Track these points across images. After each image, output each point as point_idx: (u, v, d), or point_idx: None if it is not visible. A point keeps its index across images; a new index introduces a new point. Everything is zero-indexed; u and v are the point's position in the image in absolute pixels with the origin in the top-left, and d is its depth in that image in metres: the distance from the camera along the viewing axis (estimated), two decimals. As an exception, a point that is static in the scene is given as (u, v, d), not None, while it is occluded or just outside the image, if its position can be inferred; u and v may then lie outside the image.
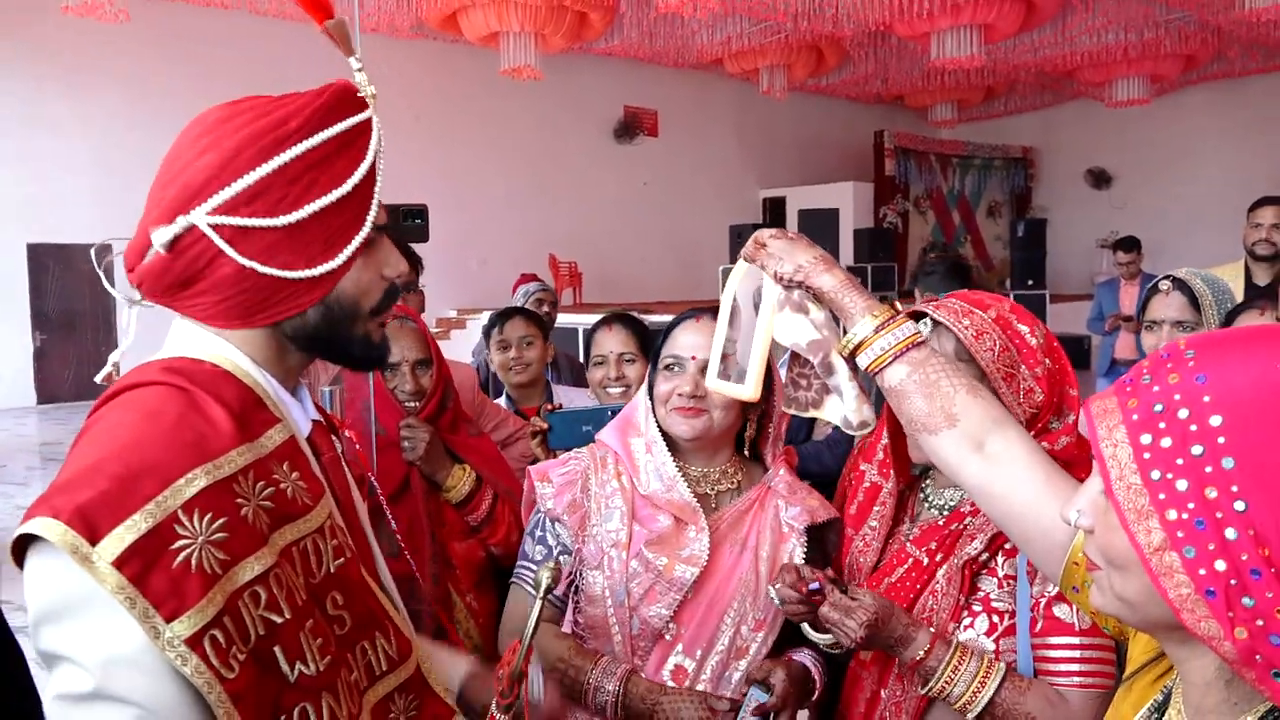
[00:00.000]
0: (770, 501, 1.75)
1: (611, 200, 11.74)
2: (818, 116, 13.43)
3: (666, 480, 1.71)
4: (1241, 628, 0.65)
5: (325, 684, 0.90)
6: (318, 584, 0.93)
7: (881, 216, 12.27)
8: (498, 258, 9.83)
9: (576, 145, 11.59)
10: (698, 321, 1.70)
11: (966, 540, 1.48)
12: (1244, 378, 0.69)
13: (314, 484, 0.96)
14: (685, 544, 1.68)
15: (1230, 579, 0.66)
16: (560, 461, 1.77)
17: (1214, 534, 0.66)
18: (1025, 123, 14.13)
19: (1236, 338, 0.73)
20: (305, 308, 0.94)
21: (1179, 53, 10.56)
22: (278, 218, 0.89)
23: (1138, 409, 0.72)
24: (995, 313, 1.48)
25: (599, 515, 1.72)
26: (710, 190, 12.52)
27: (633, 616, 1.67)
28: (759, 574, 1.69)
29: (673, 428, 1.71)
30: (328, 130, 0.92)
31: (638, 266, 11.44)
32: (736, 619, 1.67)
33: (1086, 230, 13.26)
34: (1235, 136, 12.08)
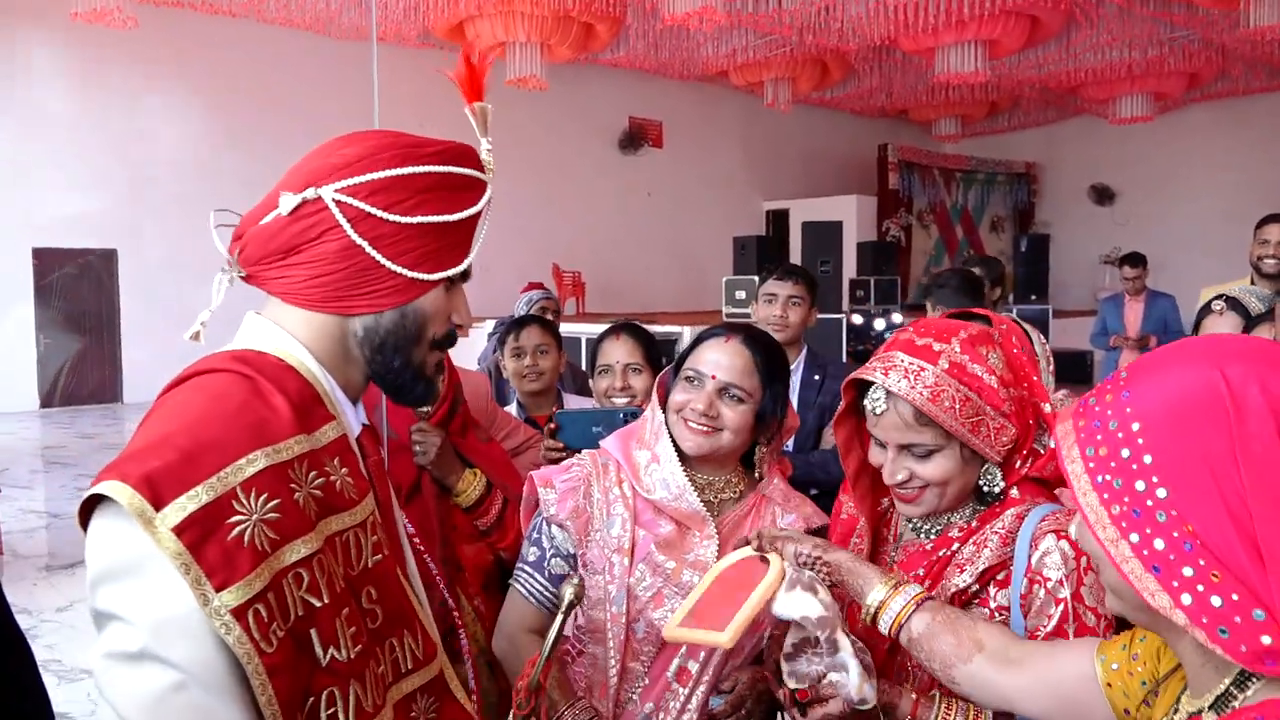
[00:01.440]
0: (767, 509, 1.79)
1: (615, 210, 11.77)
2: (822, 129, 13.48)
3: (675, 489, 1.73)
4: (1186, 594, 0.76)
5: (354, 672, 0.93)
6: (355, 576, 0.97)
7: (885, 230, 12.30)
8: (502, 266, 9.83)
9: (581, 155, 11.63)
10: (727, 342, 1.72)
11: (955, 570, 1.45)
12: (1156, 387, 0.82)
13: (361, 482, 1.01)
14: (692, 548, 1.71)
15: (1169, 555, 0.77)
16: (563, 468, 1.79)
17: (1148, 519, 0.78)
18: (1029, 138, 14.17)
19: (1159, 355, 0.87)
20: (386, 307, 1.02)
21: (1182, 70, 10.60)
22: (396, 215, 0.99)
23: (1085, 428, 0.85)
24: (947, 360, 1.44)
25: (602, 521, 1.74)
26: (714, 201, 12.55)
27: (639, 619, 1.68)
28: None
29: (681, 440, 1.74)
30: (454, 167, 1.05)
31: (641, 276, 11.47)
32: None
33: (1089, 246, 13.29)
34: (1238, 154, 12.12)
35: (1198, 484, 0.77)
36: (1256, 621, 0.74)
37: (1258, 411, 0.77)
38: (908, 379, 1.42)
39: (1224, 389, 0.78)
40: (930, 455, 1.43)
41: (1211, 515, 0.76)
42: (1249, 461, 0.76)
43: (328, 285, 1.00)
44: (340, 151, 1.01)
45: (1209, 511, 0.77)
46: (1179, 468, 0.78)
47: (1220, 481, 0.76)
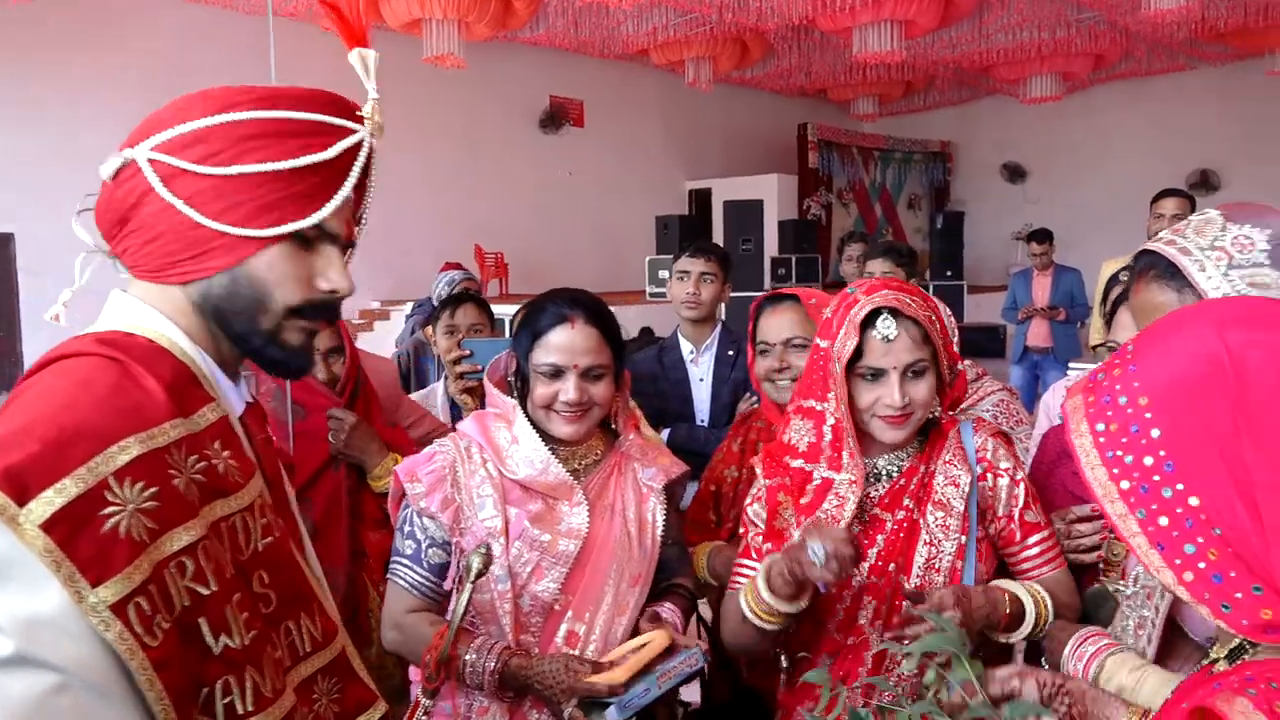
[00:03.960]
0: (627, 465, 1.86)
1: (537, 190, 11.67)
2: (743, 109, 13.54)
3: (539, 463, 1.76)
4: (1189, 571, 0.77)
5: (250, 658, 0.90)
6: (245, 560, 0.94)
7: (805, 208, 12.43)
8: (421, 248, 9.71)
9: (502, 135, 11.49)
10: (573, 326, 1.74)
11: (950, 484, 1.65)
12: (1161, 361, 0.82)
13: (245, 463, 0.97)
14: (562, 518, 1.76)
15: (1173, 531, 0.78)
16: (426, 457, 1.80)
17: (1155, 495, 0.79)
18: (944, 117, 14.45)
19: (1160, 328, 0.86)
20: (213, 271, 0.94)
21: (1089, 51, 10.90)
22: (211, 167, 0.92)
23: (1095, 403, 0.85)
24: (920, 296, 1.67)
25: (472, 506, 1.75)
26: (636, 181, 12.53)
27: (523, 594, 1.72)
28: (630, 534, 1.80)
29: (555, 429, 1.78)
30: (286, 111, 0.95)
31: (564, 256, 11.40)
32: (616, 579, 1.77)
33: (1003, 223, 13.64)
34: (1142, 133, 12.53)
35: (1204, 457, 0.77)
36: (1255, 597, 0.75)
37: (1259, 378, 0.76)
38: (909, 304, 1.61)
39: (1225, 358, 0.78)
40: (923, 375, 1.62)
41: (1217, 488, 0.76)
42: (1253, 431, 0.75)
43: (158, 252, 0.94)
44: (160, 112, 0.95)
45: (1215, 485, 0.76)
46: (1185, 442, 0.78)
47: (1226, 453, 0.76)
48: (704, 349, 3.06)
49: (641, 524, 1.81)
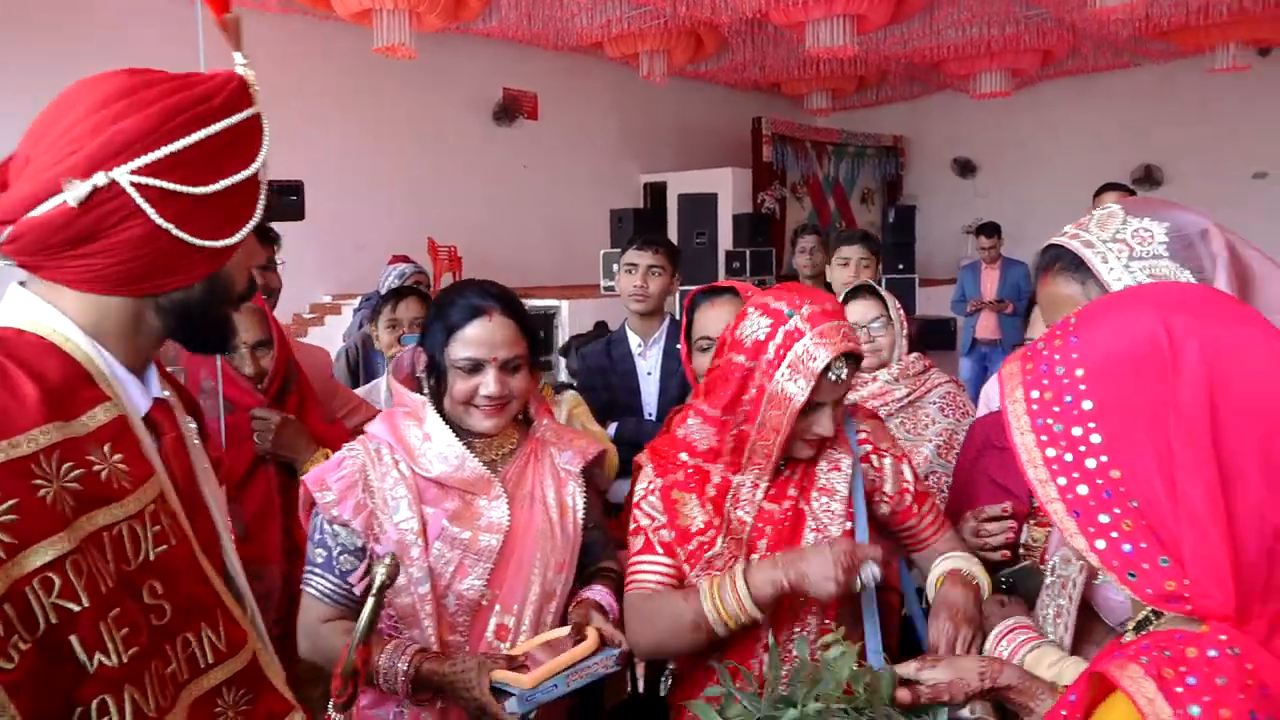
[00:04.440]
0: (543, 451, 1.84)
1: (491, 183, 11.58)
2: (697, 102, 13.55)
3: (454, 459, 1.73)
4: (1101, 539, 0.80)
5: (131, 676, 0.86)
6: (133, 571, 0.90)
7: (760, 202, 12.47)
8: (374, 242, 9.58)
9: (455, 127, 11.38)
10: (490, 319, 1.72)
11: (833, 469, 1.66)
12: (1103, 335, 0.84)
13: (140, 467, 0.93)
14: (481, 513, 1.73)
15: (1091, 500, 0.81)
16: (335, 464, 1.77)
17: (1078, 464, 0.82)
18: (896, 112, 14.57)
19: (1109, 303, 0.90)
20: (197, 280, 0.97)
21: (1037, 48, 11.05)
22: (197, 186, 0.93)
23: (1032, 370, 0.87)
24: None
25: (386, 510, 1.71)
26: (590, 175, 12.49)
27: (447, 595, 1.69)
28: (551, 521, 1.78)
29: (475, 425, 1.76)
30: (240, 114, 0.97)
31: (518, 250, 11.34)
32: (542, 568, 1.74)
33: (953, 217, 13.79)
34: (1089, 128, 12.74)
35: (1131, 433, 0.80)
36: (1162, 568, 0.78)
37: (1192, 366, 0.79)
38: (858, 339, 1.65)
39: (1165, 341, 0.80)
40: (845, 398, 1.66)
41: (1140, 464, 0.79)
42: (1181, 415, 0.78)
43: (132, 270, 0.94)
44: (118, 125, 0.91)
45: (1138, 460, 0.79)
46: (1115, 416, 0.81)
47: (1152, 432, 0.79)
48: (652, 342, 3.05)
49: (562, 509, 1.79)
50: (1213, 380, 0.79)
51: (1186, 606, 0.78)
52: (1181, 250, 1.32)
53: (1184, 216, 1.35)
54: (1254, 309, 0.86)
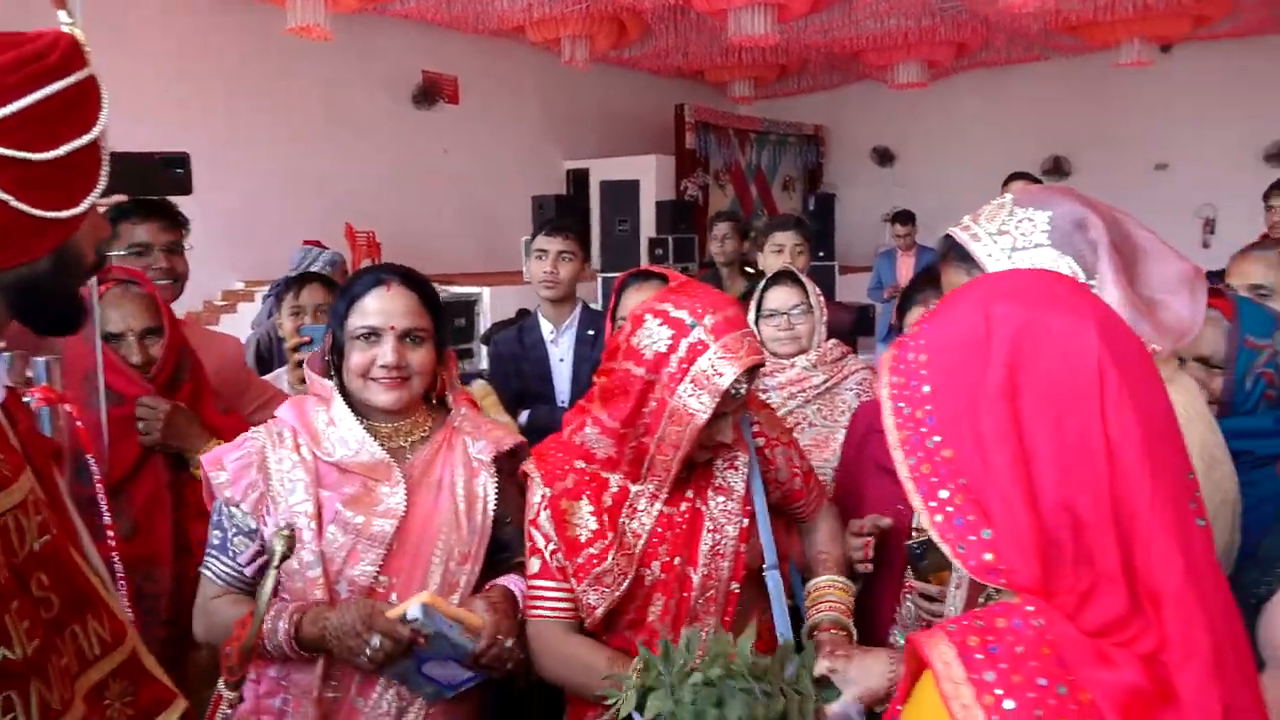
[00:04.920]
0: (457, 440, 1.82)
1: (411, 168, 11.40)
2: (620, 89, 13.51)
3: (355, 443, 1.72)
4: (939, 514, 0.85)
5: (35, 669, 0.84)
6: (21, 563, 0.86)
7: (683, 189, 12.51)
8: (289, 226, 9.33)
9: (373, 110, 11.16)
10: (389, 289, 1.72)
11: (728, 468, 1.65)
12: (943, 323, 0.91)
13: (12, 456, 0.89)
14: (380, 500, 1.71)
15: (932, 477, 0.86)
16: (235, 445, 1.76)
17: (921, 444, 0.87)
18: (817, 101, 14.74)
19: (952, 294, 0.96)
20: (43, 253, 0.90)
21: (952, 40, 11.27)
22: (35, 153, 0.86)
23: (898, 356, 0.93)
24: None
25: (282, 491, 1.70)
26: (513, 160, 12.37)
27: (339, 580, 1.68)
28: (458, 510, 1.75)
29: (373, 398, 1.73)
30: (75, 75, 0.90)
31: (439, 236, 11.19)
32: (444, 557, 1.72)
33: (872, 205, 14.01)
34: (1002, 120, 13.06)
35: (957, 415, 0.86)
36: (984, 540, 0.83)
37: (1001, 351, 0.84)
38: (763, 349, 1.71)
39: (983, 328, 0.86)
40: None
41: (965, 443, 0.85)
42: (989, 395, 0.84)
43: None
44: None
45: (963, 439, 0.85)
46: (946, 399, 0.87)
47: (972, 413, 0.85)
48: (564, 329, 3.04)
49: (471, 499, 1.76)
50: (1017, 363, 0.84)
51: (1002, 580, 0.83)
52: (1062, 239, 1.37)
53: (1066, 205, 1.39)
54: (1083, 299, 0.90)
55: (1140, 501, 0.81)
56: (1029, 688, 0.77)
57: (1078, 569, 0.81)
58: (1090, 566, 0.81)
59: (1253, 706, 0.83)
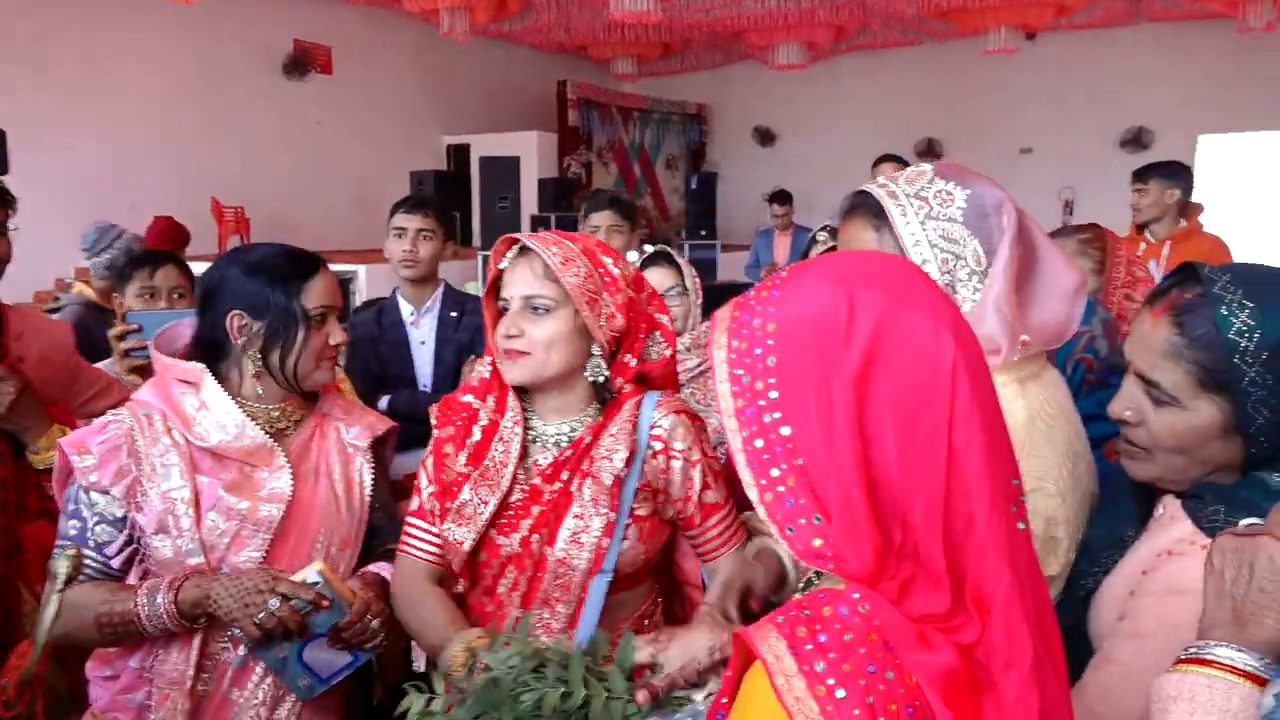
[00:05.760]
0: (329, 425, 1.81)
1: (282, 141, 10.97)
2: (502, 63, 13.28)
3: (234, 428, 1.67)
4: (769, 493, 0.82)
5: None
6: None
7: (566, 167, 12.41)
8: (151, 202, 8.86)
9: (241, 80, 10.68)
10: (325, 270, 1.77)
11: (605, 460, 1.57)
12: (797, 296, 0.86)
13: None
14: (262, 484, 1.67)
15: (765, 454, 0.83)
16: (98, 427, 1.69)
17: (758, 418, 0.83)
18: (700, 80, 14.81)
19: (810, 265, 0.91)
20: None
21: (831, 22, 11.46)
22: None
23: (738, 318, 0.87)
24: (583, 245, 1.61)
25: (154, 477, 1.64)
26: (390, 134, 12.04)
27: (222, 568, 1.63)
28: (337, 496, 1.75)
29: (322, 378, 1.77)
30: None
31: (313, 212, 10.81)
32: (325, 543, 1.72)
33: (754, 185, 14.16)
34: (879, 102, 13.37)
35: (802, 394, 0.82)
36: (815, 525, 0.81)
37: (861, 339, 0.82)
38: (544, 244, 1.56)
39: (845, 312, 0.82)
40: (546, 314, 1.55)
41: (806, 424, 0.82)
42: (843, 381, 0.81)
43: None
44: None
45: (805, 420, 0.82)
46: (791, 376, 0.83)
47: (819, 395, 0.82)
48: (425, 310, 2.95)
49: (349, 485, 1.77)
50: (875, 353, 0.82)
51: (830, 565, 0.81)
52: (976, 219, 1.38)
53: (986, 188, 1.41)
54: (939, 298, 0.89)
55: (979, 511, 0.81)
56: (859, 675, 0.76)
57: (901, 561, 0.81)
58: (914, 562, 0.81)
59: (1065, 708, 0.86)
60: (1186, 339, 1.27)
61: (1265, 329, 1.23)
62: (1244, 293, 1.25)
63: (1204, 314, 1.26)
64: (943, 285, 1.33)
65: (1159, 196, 4.66)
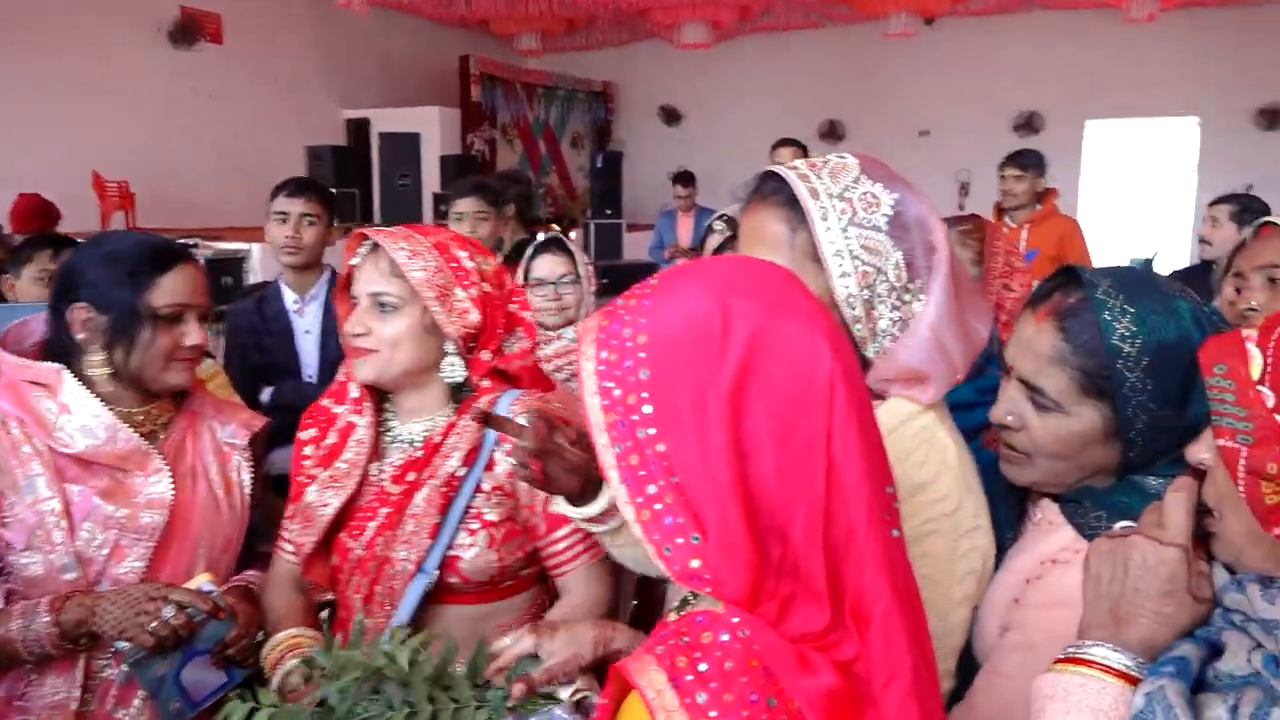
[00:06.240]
0: (202, 424, 1.75)
1: (170, 113, 10.49)
2: (402, 36, 12.95)
3: (104, 431, 1.61)
4: (646, 510, 0.80)
5: None
6: None
7: (469, 144, 12.19)
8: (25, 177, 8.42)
9: (125, 48, 10.17)
10: (187, 265, 1.66)
11: (442, 460, 1.52)
12: (670, 306, 0.84)
13: None
14: (139, 490, 1.61)
15: (640, 470, 0.80)
16: None
17: (632, 433, 0.81)
18: (605, 58, 14.69)
19: (683, 272, 0.89)
20: None
21: (736, 3, 11.47)
22: None
23: (607, 328, 0.85)
24: (435, 239, 1.57)
25: (17, 491, 1.56)
26: (285, 107, 11.63)
27: (101, 581, 1.56)
28: (216, 498, 1.70)
29: (173, 380, 1.67)
30: None
31: (204, 188, 10.40)
32: (208, 548, 1.68)
33: (660, 164, 14.13)
34: (781, 83, 13.48)
35: (678, 409, 0.80)
36: (693, 545, 0.79)
37: (736, 351, 0.80)
38: (392, 239, 1.50)
39: (719, 323, 0.81)
40: (393, 311, 1.50)
41: (683, 440, 0.80)
42: (719, 395, 0.79)
43: None
44: None
45: (681, 436, 0.80)
46: (666, 390, 0.81)
47: (696, 409, 0.79)
48: (309, 298, 2.85)
49: (228, 486, 1.73)
50: (751, 366, 0.80)
51: (706, 589, 0.79)
52: (899, 229, 1.29)
53: (910, 195, 1.32)
54: (814, 307, 0.87)
55: (858, 522, 0.81)
56: (742, 705, 0.75)
57: (780, 579, 0.80)
58: (794, 579, 0.80)
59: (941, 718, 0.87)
60: (1072, 345, 1.28)
61: (1145, 335, 1.25)
62: (1125, 298, 1.27)
63: (1088, 319, 1.27)
64: (861, 300, 1.28)
65: (1033, 184, 4.91)
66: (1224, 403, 0.92)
